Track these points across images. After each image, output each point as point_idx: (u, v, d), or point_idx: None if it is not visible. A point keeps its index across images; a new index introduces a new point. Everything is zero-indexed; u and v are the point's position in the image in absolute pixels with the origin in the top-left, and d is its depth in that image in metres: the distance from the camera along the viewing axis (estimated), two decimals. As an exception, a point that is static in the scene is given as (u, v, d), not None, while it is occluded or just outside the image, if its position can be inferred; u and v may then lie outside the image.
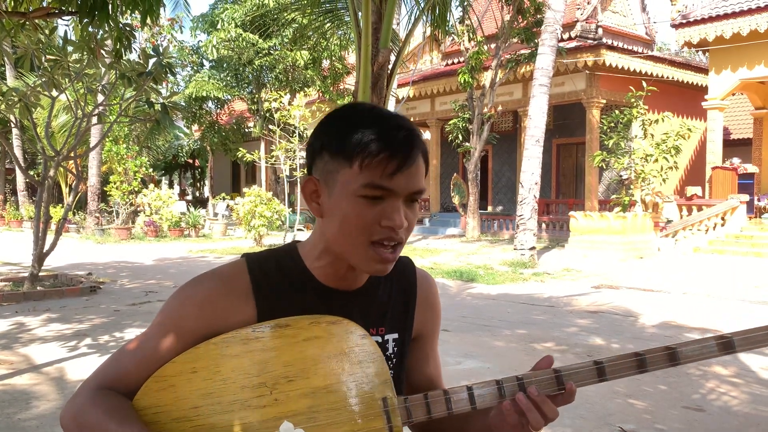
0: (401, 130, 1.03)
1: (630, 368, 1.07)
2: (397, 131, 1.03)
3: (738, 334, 1.06)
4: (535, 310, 7.89)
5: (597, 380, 1.07)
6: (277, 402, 1.03)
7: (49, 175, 8.74)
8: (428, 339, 1.26)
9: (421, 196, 1.07)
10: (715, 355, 1.07)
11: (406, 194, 1.04)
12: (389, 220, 1.02)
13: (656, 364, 1.07)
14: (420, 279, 1.24)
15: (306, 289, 1.11)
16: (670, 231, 13.96)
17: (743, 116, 21.03)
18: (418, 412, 1.06)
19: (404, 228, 1.05)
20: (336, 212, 1.04)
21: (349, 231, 1.03)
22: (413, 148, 1.03)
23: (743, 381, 4.79)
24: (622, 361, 1.07)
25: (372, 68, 4.42)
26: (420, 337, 1.25)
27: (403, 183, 1.02)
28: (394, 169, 1.01)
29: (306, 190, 1.10)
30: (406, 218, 1.04)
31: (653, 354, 1.07)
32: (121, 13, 4.90)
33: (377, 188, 1.01)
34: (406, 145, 1.02)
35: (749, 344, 1.05)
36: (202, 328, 1.07)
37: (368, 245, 1.03)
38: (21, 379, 4.72)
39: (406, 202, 1.05)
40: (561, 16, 13.07)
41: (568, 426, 3.78)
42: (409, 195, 1.05)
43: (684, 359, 1.07)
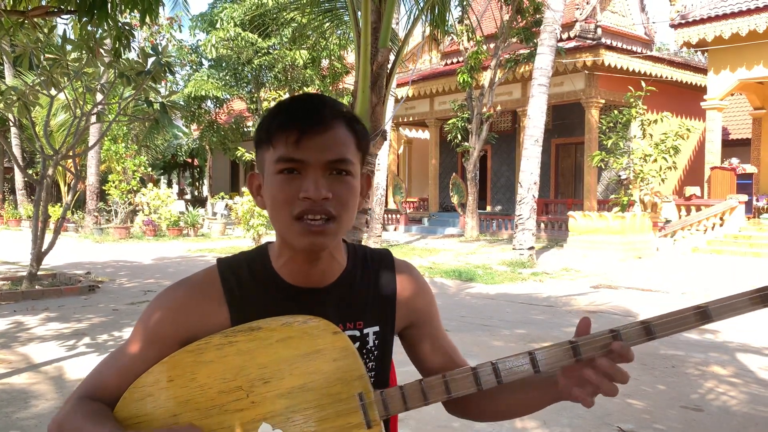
0: (306, 101, 1.06)
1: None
2: (302, 102, 1.05)
3: (713, 302, 1.03)
4: (534, 310, 7.90)
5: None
6: (254, 404, 1.04)
7: (47, 174, 8.73)
8: (427, 323, 1.26)
9: (345, 166, 1.05)
10: (692, 326, 1.03)
11: (321, 163, 1.03)
12: (304, 191, 1.02)
13: (632, 338, 1.03)
14: (399, 269, 1.24)
15: (275, 290, 1.12)
16: (669, 231, 13.97)
17: (742, 116, 21.05)
18: (396, 404, 1.07)
19: (330, 200, 1.03)
20: (268, 196, 1.07)
21: (276, 209, 1.05)
22: (316, 114, 1.03)
23: (742, 381, 4.79)
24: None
25: (371, 68, 4.42)
26: (417, 324, 1.25)
27: (312, 151, 1.03)
28: (297, 136, 1.02)
29: (251, 185, 1.14)
30: (330, 190, 1.03)
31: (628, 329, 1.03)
32: (120, 12, 4.89)
33: (288, 160, 1.03)
34: (308, 111, 1.03)
35: (726, 312, 1.02)
36: (178, 334, 1.08)
37: (293, 220, 1.04)
38: (19, 378, 4.72)
39: (328, 173, 1.04)
40: (560, 16, 13.07)
41: (567, 426, 3.78)
42: (326, 164, 1.04)
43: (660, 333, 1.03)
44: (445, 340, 1.28)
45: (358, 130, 1.07)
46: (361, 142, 1.08)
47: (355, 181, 1.07)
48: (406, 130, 24.83)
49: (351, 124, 1.06)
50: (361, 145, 1.08)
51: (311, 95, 1.08)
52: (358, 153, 1.08)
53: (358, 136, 1.07)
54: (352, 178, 1.06)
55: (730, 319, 1.04)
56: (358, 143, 1.07)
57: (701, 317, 1.03)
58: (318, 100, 1.06)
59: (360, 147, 1.08)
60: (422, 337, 1.26)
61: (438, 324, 1.28)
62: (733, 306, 1.03)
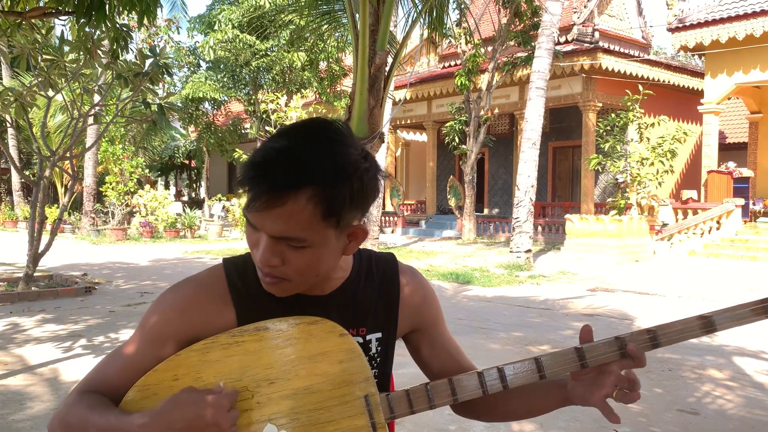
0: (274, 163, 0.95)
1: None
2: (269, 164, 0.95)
3: (718, 312, 1.06)
4: (531, 313, 7.90)
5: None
6: (259, 405, 1.04)
7: (44, 175, 8.71)
8: (432, 328, 1.26)
9: (296, 243, 0.98)
10: (697, 335, 1.07)
11: (270, 234, 0.98)
12: (256, 252, 1.01)
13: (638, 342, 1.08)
14: (403, 274, 1.23)
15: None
16: (666, 234, 14.00)
17: (739, 120, 21.11)
18: (401, 407, 1.07)
19: (280, 267, 1.00)
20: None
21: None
22: (273, 187, 0.94)
23: (738, 384, 4.80)
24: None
25: (369, 70, 4.42)
26: (422, 329, 1.25)
27: (260, 222, 0.97)
28: (252, 202, 0.96)
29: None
30: (282, 257, 0.99)
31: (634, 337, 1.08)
32: (118, 14, 4.89)
33: (247, 218, 1.00)
34: (268, 181, 0.94)
35: (730, 321, 1.05)
36: (183, 334, 1.08)
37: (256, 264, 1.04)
38: (15, 380, 4.70)
39: (281, 242, 0.98)
40: (558, 19, 13.10)
41: (563, 429, 3.78)
42: (276, 236, 0.98)
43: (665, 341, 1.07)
44: (450, 343, 1.28)
45: (333, 197, 0.95)
46: (334, 210, 0.96)
47: (313, 251, 0.99)
48: (404, 133, 24.85)
49: (323, 191, 0.95)
50: (335, 211, 0.97)
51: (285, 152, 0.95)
52: (324, 224, 0.97)
53: (329, 205, 0.95)
54: (309, 249, 0.99)
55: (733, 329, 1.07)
56: (327, 214, 0.96)
57: (705, 326, 1.05)
58: (286, 164, 0.94)
59: (331, 216, 0.97)
60: (427, 341, 1.25)
61: (443, 327, 1.28)
62: (737, 316, 1.04)
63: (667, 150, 13.94)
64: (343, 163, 0.97)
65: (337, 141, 0.98)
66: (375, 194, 1.04)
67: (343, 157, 0.97)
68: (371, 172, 1.01)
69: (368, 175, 1.00)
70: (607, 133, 14.79)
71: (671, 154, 13.99)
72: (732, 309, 1.05)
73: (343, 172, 0.96)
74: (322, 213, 0.96)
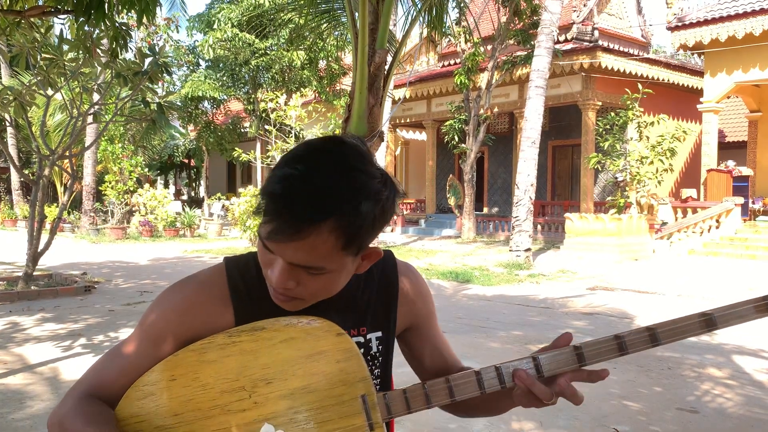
0: (296, 192, 0.93)
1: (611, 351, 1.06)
2: (290, 193, 0.93)
3: (719, 310, 1.05)
4: (531, 312, 7.90)
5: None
6: (256, 405, 1.04)
7: (43, 174, 8.71)
8: (426, 326, 1.26)
9: (318, 271, 0.98)
10: (697, 333, 1.06)
11: (289, 261, 0.98)
12: (271, 274, 1.01)
13: (637, 345, 1.06)
14: (400, 271, 1.23)
15: None
16: (665, 233, 14.00)
17: (738, 119, 21.12)
18: (398, 407, 1.07)
19: (294, 289, 1.01)
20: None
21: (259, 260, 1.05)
22: (295, 220, 0.92)
23: (738, 383, 4.80)
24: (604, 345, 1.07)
25: (368, 69, 4.42)
26: (416, 327, 1.25)
27: (281, 251, 0.97)
28: (271, 232, 0.95)
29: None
30: (297, 280, 1.00)
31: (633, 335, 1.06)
32: (118, 12, 4.88)
33: (263, 243, 0.99)
34: (288, 213, 0.93)
35: (731, 319, 1.04)
36: (182, 333, 1.07)
37: (267, 281, 1.05)
38: (15, 379, 4.70)
39: (298, 267, 0.99)
40: (557, 18, 13.09)
41: (563, 427, 3.78)
42: (296, 264, 0.98)
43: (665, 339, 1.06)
44: (441, 339, 1.29)
45: (354, 227, 0.95)
46: (355, 239, 0.96)
47: (330, 277, 1.00)
48: (404, 132, 24.84)
49: (346, 221, 0.94)
50: (356, 240, 0.97)
51: (312, 177, 0.93)
52: (343, 253, 0.97)
53: (351, 235, 0.95)
54: (327, 275, 1.00)
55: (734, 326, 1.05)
56: (348, 243, 0.96)
57: (706, 324, 1.05)
58: (308, 196, 0.92)
59: (351, 244, 0.97)
60: (420, 339, 1.26)
61: (436, 325, 1.29)
62: (738, 313, 1.04)
63: (666, 149, 13.95)
64: (366, 192, 0.95)
65: (357, 167, 0.96)
66: (393, 215, 1.03)
67: (365, 185, 0.95)
68: (391, 197, 1.00)
69: (389, 202, 0.99)
70: (606, 131, 14.79)
71: (671, 153, 13.99)
72: (733, 306, 1.04)
73: (366, 202, 0.95)
74: (343, 244, 0.96)
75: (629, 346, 1.05)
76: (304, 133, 20.11)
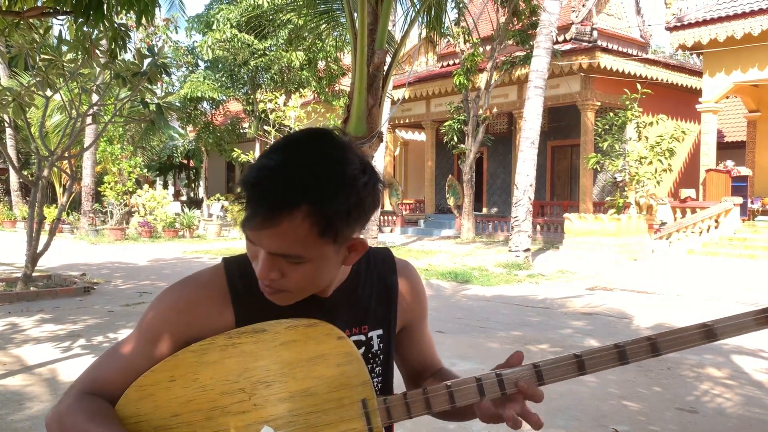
0: (268, 181, 0.94)
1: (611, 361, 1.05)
2: (264, 183, 0.94)
3: (719, 321, 1.05)
4: (530, 312, 7.90)
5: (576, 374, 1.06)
6: (256, 407, 1.03)
7: (42, 175, 8.70)
8: (418, 325, 1.26)
9: (293, 259, 0.98)
10: (698, 344, 1.05)
11: (267, 251, 0.98)
12: (255, 264, 1.01)
13: (637, 355, 1.05)
14: (399, 270, 1.23)
15: None
16: (664, 233, 14.01)
17: (737, 119, 21.13)
18: (399, 412, 1.06)
19: (279, 280, 1.00)
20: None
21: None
22: (269, 208, 0.93)
23: (737, 383, 4.80)
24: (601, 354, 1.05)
25: (368, 69, 4.42)
26: (409, 326, 1.25)
27: (257, 239, 0.97)
28: (250, 222, 0.95)
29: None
30: (281, 271, 0.99)
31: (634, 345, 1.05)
32: (116, 13, 4.89)
33: (246, 234, 1.00)
34: (263, 202, 0.94)
35: (731, 331, 1.04)
36: (181, 334, 1.07)
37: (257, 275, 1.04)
38: (14, 380, 4.69)
39: (279, 257, 0.98)
40: (556, 18, 13.10)
41: (562, 427, 3.78)
42: (274, 253, 0.98)
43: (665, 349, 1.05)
44: (429, 340, 1.30)
45: (330, 214, 0.95)
46: (331, 227, 0.96)
47: (311, 266, 0.99)
48: (403, 132, 24.85)
49: (320, 208, 0.94)
50: (332, 228, 0.96)
51: (286, 166, 0.94)
52: (321, 240, 0.96)
53: (326, 222, 0.95)
54: (307, 264, 0.99)
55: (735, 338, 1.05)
56: (324, 230, 0.95)
57: (706, 336, 1.05)
58: (280, 183, 0.93)
59: (328, 232, 0.96)
60: (410, 338, 1.26)
61: (426, 326, 1.29)
62: (738, 326, 1.04)
63: (665, 149, 13.96)
64: (340, 179, 0.95)
65: (332, 155, 0.97)
66: (375, 206, 1.03)
67: (339, 172, 0.95)
68: (370, 184, 0.99)
69: (366, 189, 0.99)
70: (605, 132, 14.80)
71: (670, 153, 14.00)
72: (734, 318, 1.04)
73: (340, 189, 0.95)
74: (319, 231, 0.95)
75: (630, 355, 1.05)
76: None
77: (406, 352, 1.26)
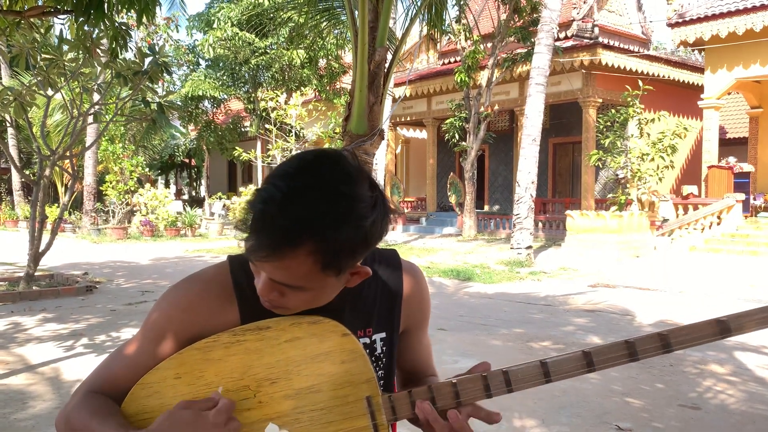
0: (272, 216, 0.92)
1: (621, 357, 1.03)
2: (268, 218, 0.93)
3: (733, 316, 1.01)
4: (532, 309, 7.90)
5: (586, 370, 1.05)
6: (261, 404, 1.04)
7: (44, 174, 8.71)
8: (416, 330, 1.25)
9: (298, 290, 0.98)
10: (711, 340, 1.02)
11: (270, 278, 0.99)
12: (256, 283, 1.02)
13: (647, 351, 1.03)
14: (405, 273, 1.22)
15: None
16: (667, 230, 13.99)
17: (739, 115, 21.09)
18: (403, 409, 1.06)
19: (280, 300, 1.01)
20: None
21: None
22: (272, 246, 0.93)
23: (740, 379, 4.80)
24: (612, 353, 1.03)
25: (368, 67, 4.41)
26: (409, 329, 1.24)
27: (262, 267, 0.98)
28: (248, 251, 0.96)
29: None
30: (281, 294, 1.00)
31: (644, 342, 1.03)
32: (117, 12, 4.88)
33: (249, 258, 1.00)
34: (266, 237, 0.93)
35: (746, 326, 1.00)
36: (187, 331, 1.07)
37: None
38: (17, 379, 4.70)
39: (282, 285, 0.99)
40: (557, 15, 13.08)
41: (565, 424, 3.78)
42: (277, 281, 0.99)
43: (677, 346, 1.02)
44: (426, 349, 1.28)
45: (334, 250, 0.94)
46: (334, 262, 0.95)
47: (312, 293, 1.00)
48: (404, 130, 24.83)
49: (324, 245, 0.93)
50: (336, 263, 0.96)
51: (291, 200, 0.93)
52: (323, 274, 0.96)
53: (330, 257, 0.94)
54: (309, 293, 1.00)
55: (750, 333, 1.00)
56: (326, 265, 0.95)
57: (721, 331, 1.01)
58: (285, 218, 0.92)
59: (331, 267, 0.96)
60: (408, 343, 1.25)
61: (425, 333, 1.28)
62: (754, 321, 1.00)
63: (667, 145, 13.93)
64: (347, 217, 0.93)
65: (342, 191, 0.94)
66: (381, 237, 1.01)
67: (348, 211, 0.94)
68: (378, 220, 0.98)
69: (375, 227, 0.97)
70: (607, 128, 14.78)
71: (671, 150, 13.97)
72: (749, 313, 1.00)
73: (347, 227, 0.93)
74: (322, 266, 0.95)
75: (640, 353, 1.03)
76: (305, 131, 20.12)
77: (400, 357, 1.25)
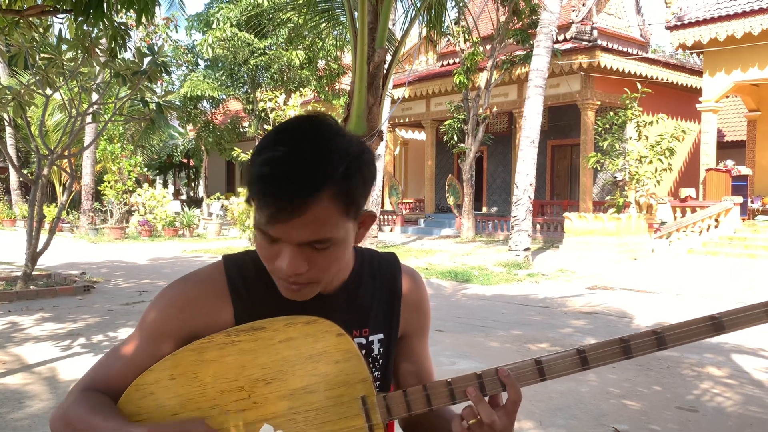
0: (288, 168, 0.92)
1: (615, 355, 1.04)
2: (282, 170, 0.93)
3: (727, 313, 1.02)
4: (530, 311, 7.90)
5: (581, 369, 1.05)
6: (256, 405, 1.03)
7: (42, 173, 8.70)
8: (414, 337, 1.24)
9: (326, 244, 0.97)
10: (705, 337, 1.03)
11: (296, 242, 0.97)
12: (279, 265, 0.99)
13: (642, 348, 1.03)
14: (405, 276, 1.21)
15: (280, 292, 1.09)
16: (664, 232, 14.01)
17: (737, 118, 21.13)
18: (398, 409, 1.06)
19: (306, 272, 0.99)
20: (255, 241, 1.04)
21: (262, 259, 1.03)
22: (293, 194, 0.92)
23: (737, 382, 4.80)
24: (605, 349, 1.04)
25: (368, 68, 4.42)
26: (406, 335, 1.23)
27: (285, 233, 0.95)
28: (271, 215, 0.94)
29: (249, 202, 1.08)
30: (308, 261, 0.98)
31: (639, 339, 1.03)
32: (116, 12, 4.88)
33: (264, 233, 0.98)
34: (285, 189, 0.92)
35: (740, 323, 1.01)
36: (182, 331, 1.07)
37: (275, 275, 1.03)
38: (14, 379, 4.69)
39: (306, 246, 0.97)
40: (556, 17, 13.09)
41: (562, 426, 3.78)
42: (302, 243, 0.97)
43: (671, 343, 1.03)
44: (426, 359, 1.26)
45: (349, 189, 0.96)
46: (353, 202, 0.97)
47: (338, 248, 1.00)
48: (403, 131, 24.84)
49: (341, 186, 0.94)
50: (354, 202, 0.98)
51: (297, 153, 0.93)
52: (346, 218, 0.98)
53: (348, 198, 0.96)
54: (334, 247, 0.99)
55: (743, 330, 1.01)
56: (347, 207, 0.97)
57: (714, 329, 1.02)
58: (299, 170, 0.92)
59: (350, 208, 0.98)
60: (406, 351, 1.23)
61: (425, 342, 1.27)
62: (748, 317, 1.01)
63: (665, 148, 13.95)
64: (349, 154, 0.97)
65: (333, 134, 0.98)
66: (375, 176, 1.05)
67: (346, 148, 0.97)
68: (368, 152, 1.02)
69: (369, 156, 1.02)
70: (605, 131, 14.80)
71: (670, 152, 14.00)
72: (743, 309, 1.02)
73: (352, 163, 0.97)
74: (344, 208, 0.97)
75: (635, 350, 1.03)
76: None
77: (400, 363, 1.24)
